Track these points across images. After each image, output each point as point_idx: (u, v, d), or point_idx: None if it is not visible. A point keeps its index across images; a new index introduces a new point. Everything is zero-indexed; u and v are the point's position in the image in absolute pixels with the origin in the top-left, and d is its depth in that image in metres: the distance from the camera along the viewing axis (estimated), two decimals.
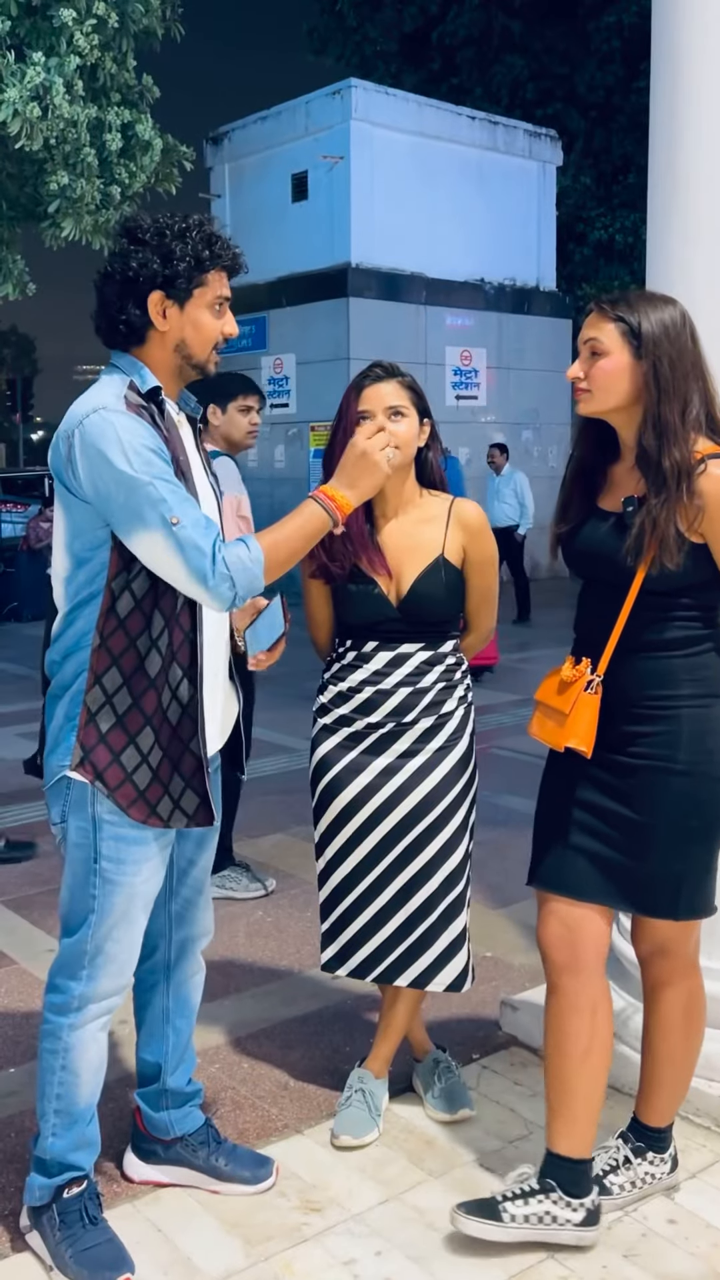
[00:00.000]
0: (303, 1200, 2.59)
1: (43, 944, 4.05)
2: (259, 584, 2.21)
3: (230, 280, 2.35)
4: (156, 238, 2.23)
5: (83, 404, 2.21)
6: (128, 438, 2.14)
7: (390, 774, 2.73)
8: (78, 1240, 2.34)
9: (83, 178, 9.09)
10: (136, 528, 2.14)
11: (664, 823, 2.36)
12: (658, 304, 2.33)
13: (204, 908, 2.62)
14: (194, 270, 2.25)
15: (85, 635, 2.25)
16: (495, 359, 16.95)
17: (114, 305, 2.27)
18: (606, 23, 20.41)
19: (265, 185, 16.55)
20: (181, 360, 2.32)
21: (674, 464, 2.25)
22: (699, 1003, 2.53)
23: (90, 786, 2.27)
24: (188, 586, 2.17)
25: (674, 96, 2.85)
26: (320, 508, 2.29)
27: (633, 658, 2.36)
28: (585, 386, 2.36)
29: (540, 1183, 2.43)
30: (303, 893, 4.51)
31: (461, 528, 2.76)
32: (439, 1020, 3.36)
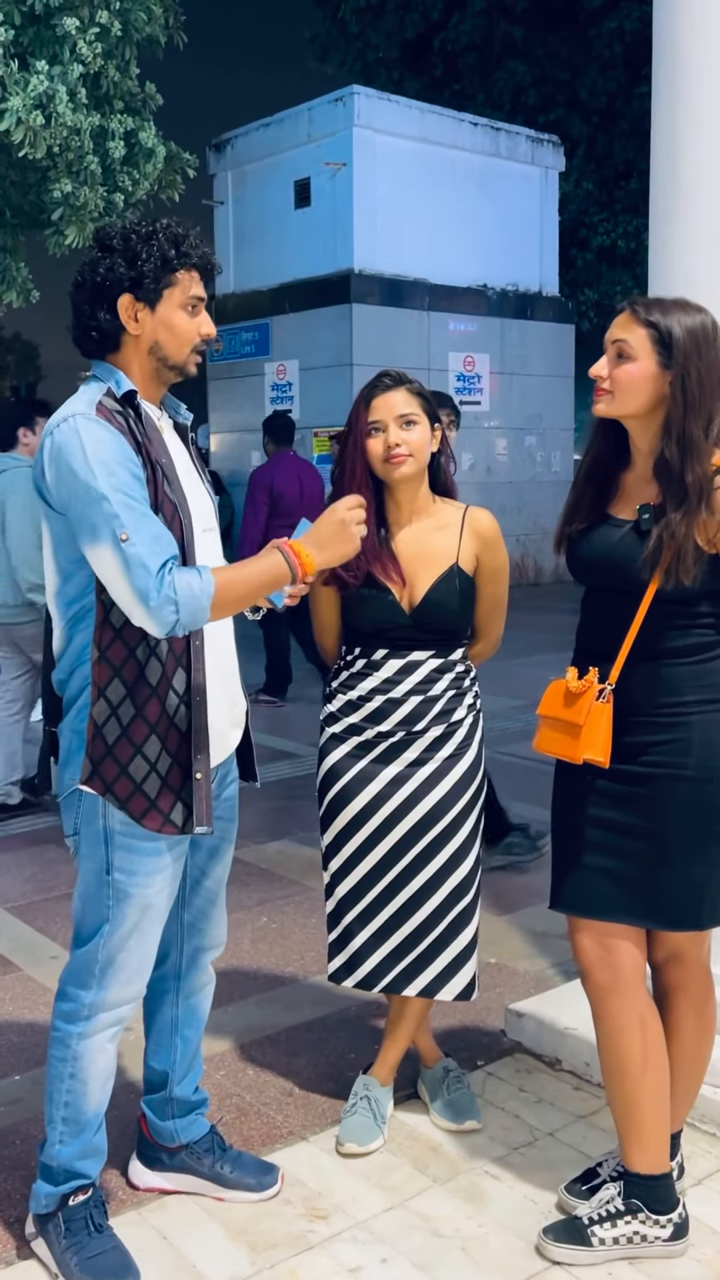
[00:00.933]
0: (308, 1207, 2.59)
1: (47, 951, 4.05)
2: (204, 617, 2.15)
3: (205, 280, 2.32)
4: (123, 242, 2.24)
5: (56, 415, 2.22)
6: (92, 447, 2.13)
7: (400, 783, 2.72)
8: (83, 1248, 2.34)
9: (86, 185, 9.11)
10: (89, 540, 2.13)
11: (680, 831, 2.34)
12: (691, 313, 2.29)
13: (216, 919, 2.62)
14: (161, 270, 2.24)
15: (85, 649, 2.25)
16: (498, 364, 16.95)
17: (85, 313, 2.27)
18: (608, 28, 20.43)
19: (268, 192, 16.58)
20: (157, 363, 2.31)
21: (697, 479, 2.23)
22: (711, 1009, 2.53)
23: (101, 799, 2.27)
24: (129, 605, 2.12)
25: (675, 103, 2.86)
26: (284, 561, 2.24)
27: (643, 666, 2.34)
28: (607, 388, 2.33)
29: (626, 1204, 2.42)
30: (307, 899, 4.51)
31: (475, 535, 2.76)
32: (444, 1027, 3.35)
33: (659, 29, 2.93)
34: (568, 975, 3.75)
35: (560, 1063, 3.17)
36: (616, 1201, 2.44)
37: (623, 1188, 2.44)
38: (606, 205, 20.95)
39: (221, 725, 2.41)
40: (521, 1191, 2.64)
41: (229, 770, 2.53)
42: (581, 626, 2.49)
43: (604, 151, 21.11)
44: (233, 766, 2.55)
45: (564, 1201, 2.55)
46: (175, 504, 2.25)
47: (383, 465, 2.67)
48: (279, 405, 16.51)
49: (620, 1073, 2.40)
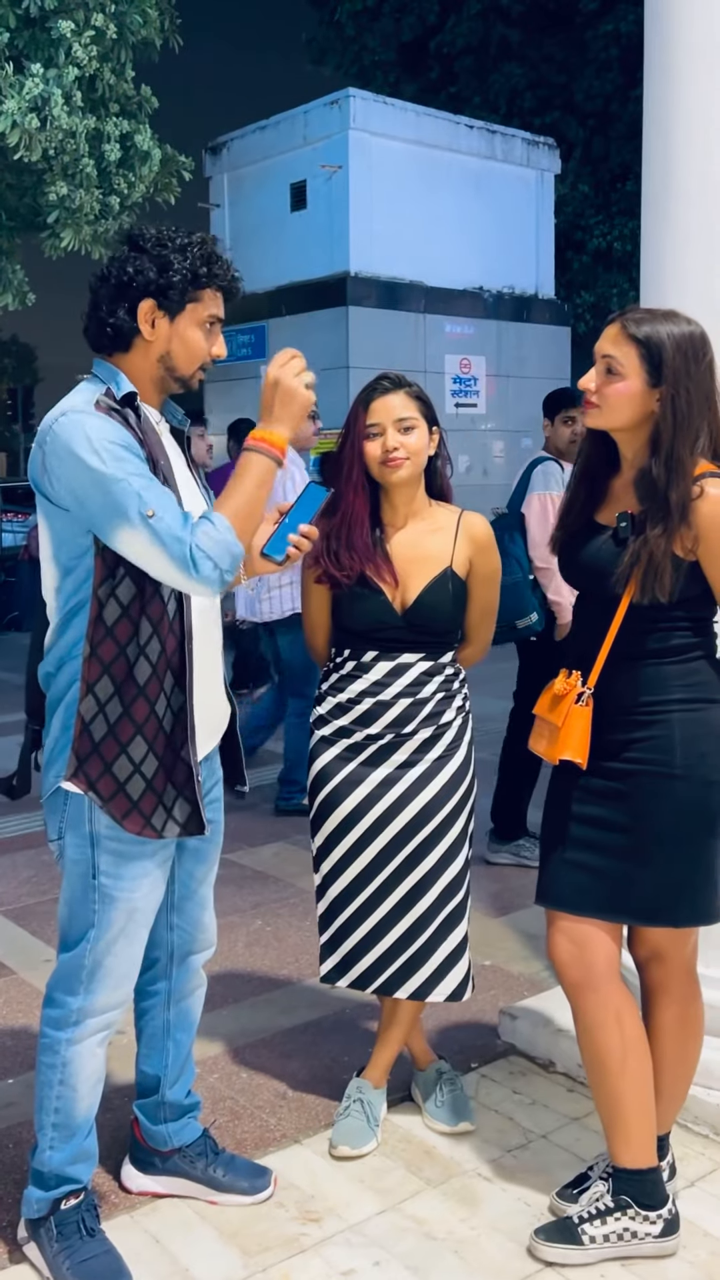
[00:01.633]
0: (301, 1210, 2.59)
1: (41, 954, 4.05)
2: (238, 551, 2.19)
3: (226, 303, 2.33)
4: (157, 247, 2.24)
5: (53, 411, 2.21)
6: (96, 436, 2.13)
7: (389, 785, 2.72)
8: (76, 1252, 2.34)
9: (82, 188, 9.12)
10: (116, 525, 2.13)
11: (662, 828, 2.36)
12: (681, 327, 2.28)
13: (206, 922, 2.62)
14: (189, 285, 2.24)
15: (76, 645, 2.25)
16: (495, 367, 16.96)
17: (104, 308, 2.26)
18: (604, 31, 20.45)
19: (264, 195, 16.59)
20: (165, 372, 2.31)
21: (680, 497, 2.24)
22: (696, 1009, 2.53)
23: (86, 800, 2.26)
24: (174, 576, 2.15)
25: (667, 106, 2.86)
26: (259, 454, 2.25)
27: (624, 666, 2.36)
28: (595, 401, 2.35)
29: (615, 1200, 2.43)
30: (301, 902, 4.51)
31: (470, 540, 2.76)
32: (437, 1029, 3.35)
33: (650, 35, 2.94)
34: None
35: (554, 1065, 3.17)
36: (605, 1199, 2.44)
37: (611, 1184, 2.45)
38: (603, 208, 20.97)
39: (205, 728, 2.41)
40: (515, 1194, 2.64)
41: (213, 771, 2.52)
42: (572, 629, 2.53)
43: (600, 154, 21.13)
44: (217, 768, 2.54)
45: (556, 1206, 2.55)
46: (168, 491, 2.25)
47: (380, 468, 2.67)
48: None
49: (601, 1068, 2.41)
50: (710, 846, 2.39)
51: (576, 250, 20.83)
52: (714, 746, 2.36)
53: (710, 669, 2.39)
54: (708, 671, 2.39)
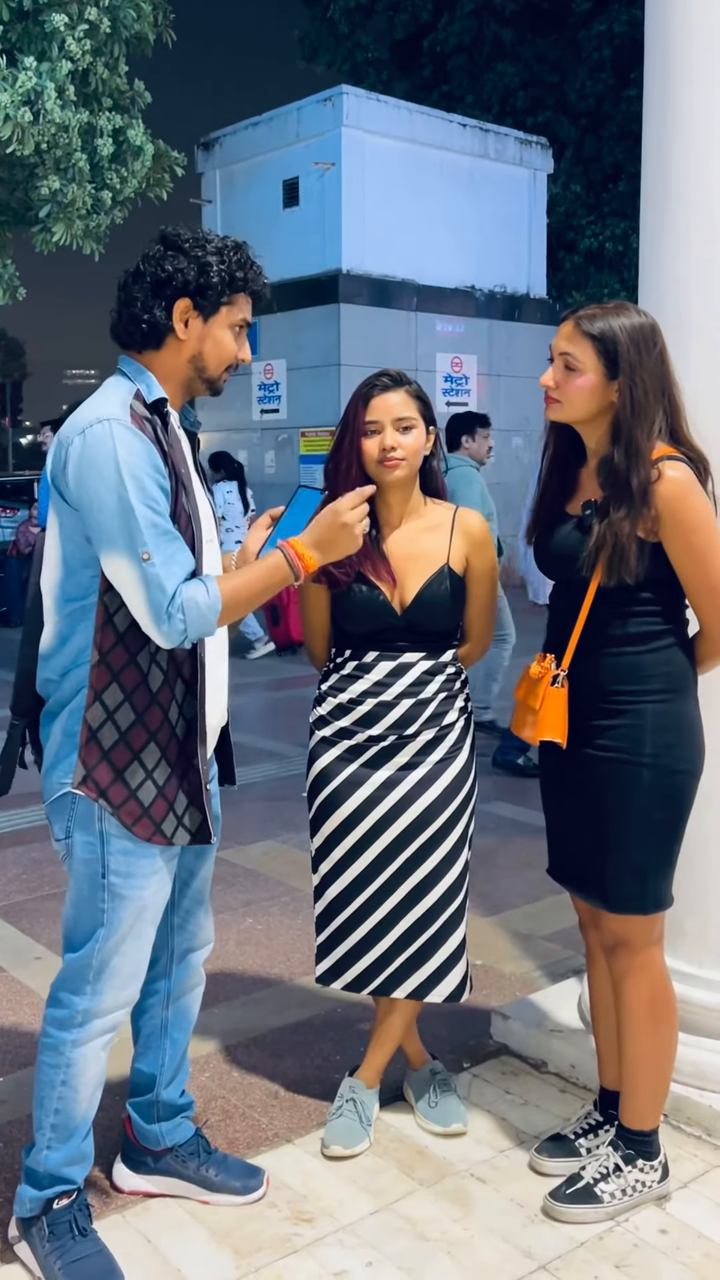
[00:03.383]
0: (293, 1211, 2.58)
1: (31, 952, 4.03)
2: (211, 629, 2.19)
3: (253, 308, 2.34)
4: (196, 248, 2.24)
5: (87, 411, 2.18)
6: (126, 456, 2.11)
7: (391, 787, 2.71)
8: (67, 1252, 2.33)
9: (74, 183, 9.08)
10: (110, 549, 2.13)
11: (629, 815, 2.44)
12: (633, 318, 2.39)
13: (204, 919, 2.61)
14: (226, 287, 2.25)
15: (83, 651, 2.23)
16: (486, 366, 16.97)
17: (139, 304, 2.24)
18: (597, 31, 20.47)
19: (256, 191, 16.57)
20: (194, 373, 2.31)
21: (641, 482, 2.34)
22: (665, 997, 2.55)
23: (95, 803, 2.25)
24: (142, 620, 2.15)
25: (666, 106, 2.86)
26: (285, 562, 2.25)
27: (597, 654, 2.45)
28: (556, 397, 2.45)
29: (624, 1157, 2.58)
30: (293, 900, 4.50)
31: (465, 537, 2.76)
32: (429, 1029, 3.34)
33: (650, 34, 2.93)
34: (554, 978, 3.75)
35: (546, 1065, 3.17)
36: (615, 1158, 2.58)
37: (620, 1144, 2.59)
38: (594, 208, 20.99)
39: (213, 732, 2.42)
40: (508, 1194, 2.63)
41: (210, 770, 2.52)
42: (548, 616, 2.62)
43: (592, 154, 21.15)
44: (213, 765, 2.54)
45: (536, 1163, 2.70)
46: (190, 515, 2.26)
47: (376, 467, 2.66)
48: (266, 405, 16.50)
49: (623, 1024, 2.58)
50: (675, 835, 2.49)
51: (568, 250, 20.86)
52: (681, 737, 2.45)
53: (682, 658, 2.47)
54: (680, 661, 2.46)
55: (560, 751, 2.50)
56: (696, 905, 2.90)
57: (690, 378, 2.81)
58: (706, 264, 2.80)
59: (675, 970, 2.90)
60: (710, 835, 2.86)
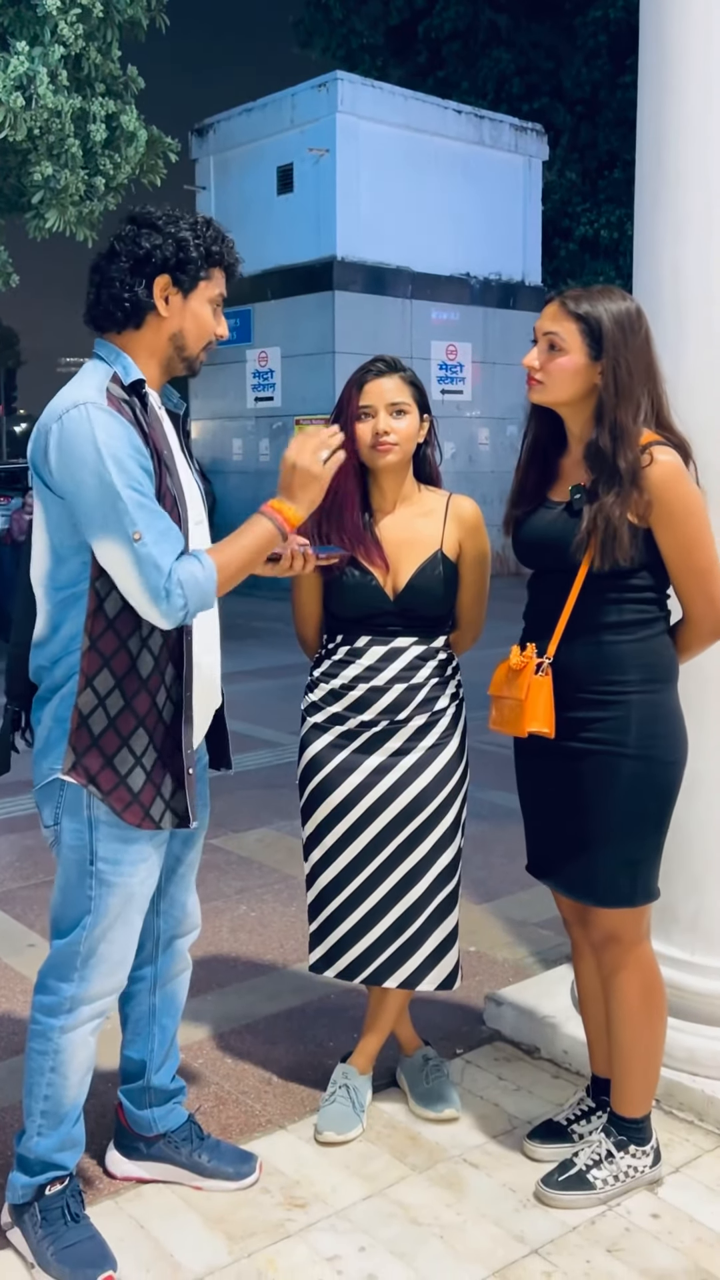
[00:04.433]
0: (286, 1196, 2.58)
1: (24, 939, 4.03)
2: (211, 600, 2.18)
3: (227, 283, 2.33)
4: (170, 225, 2.22)
5: (63, 397, 2.17)
6: (105, 439, 2.10)
7: (383, 773, 2.71)
8: (60, 1238, 2.33)
9: (67, 169, 9.04)
10: (100, 533, 2.12)
11: (617, 808, 2.43)
12: (618, 302, 2.38)
13: (190, 904, 2.61)
14: (204, 262, 2.24)
15: (74, 639, 2.22)
16: (481, 353, 16.95)
17: (118, 283, 2.22)
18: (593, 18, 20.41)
19: (250, 178, 16.50)
20: (174, 351, 2.29)
21: (629, 464, 2.32)
22: (656, 986, 2.55)
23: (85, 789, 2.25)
24: (140, 601, 2.13)
25: (662, 92, 2.84)
26: (269, 521, 2.26)
27: (582, 642, 2.42)
28: (540, 378, 2.43)
29: (616, 1143, 2.57)
30: (287, 887, 4.50)
31: (459, 523, 2.75)
32: (423, 1015, 3.34)
33: (645, 19, 2.91)
34: (546, 964, 3.75)
35: (539, 1051, 3.18)
36: (607, 1144, 2.57)
37: (612, 1131, 2.59)
38: (590, 195, 20.95)
39: (203, 717, 2.41)
40: (500, 1179, 2.64)
41: (200, 755, 2.51)
42: (527, 607, 2.58)
43: (587, 141, 21.10)
44: (204, 752, 2.53)
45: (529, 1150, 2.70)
46: (175, 496, 2.24)
47: (369, 451, 2.65)
48: (261, 393, 16.46)
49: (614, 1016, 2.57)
50: (663, 826, 2.48)
51: (563, 237, 20.82)
52: (667, 728, 2.44)
53: (666, 648, 2.46)
54: (664, 651, 2.45)
55: (539, 746, 2.46)
56: (689, 892, 2.91)
57: (687, 362, 2.81)
58: (703, 248, 2.79)
59: (668, 956, 2.91)
60: (704, 821, 2.86)
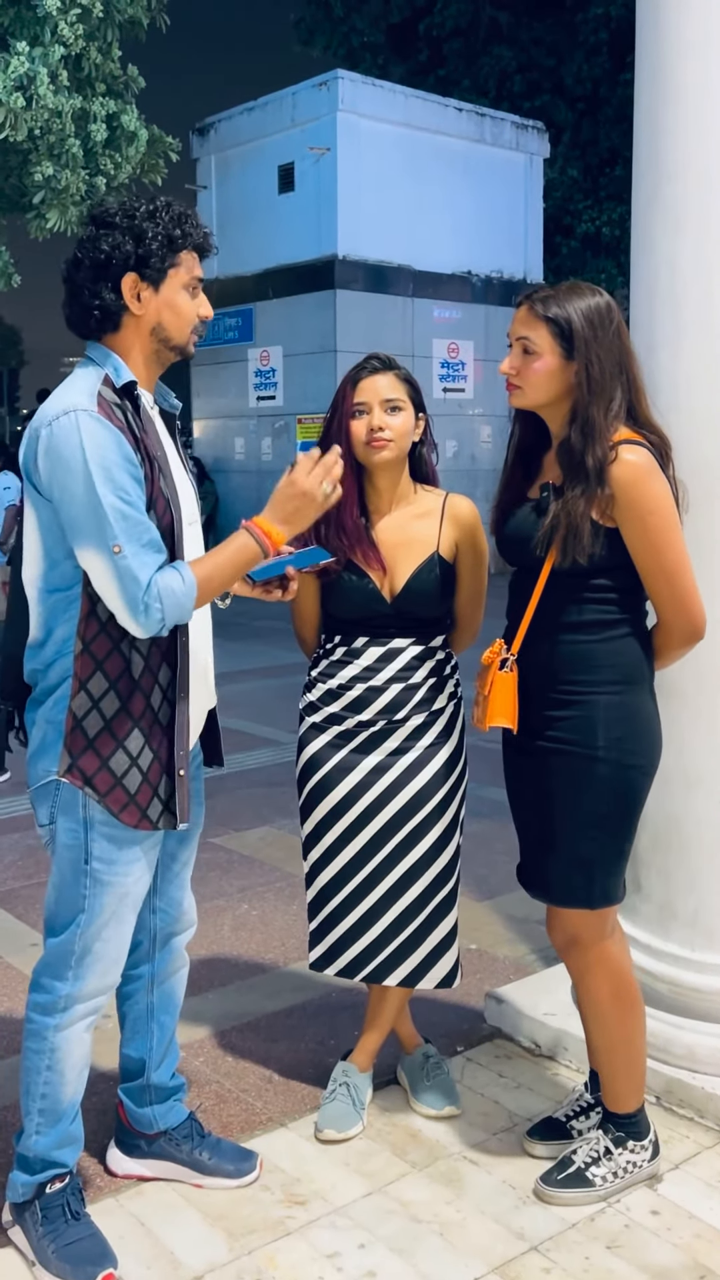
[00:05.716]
0: (286, 1194, 2.59)
1: (27, 938, 4.04)
2: (188, 614, 2.19)
3: (202, 261, 2.30)
4: (126, 219, 2.19)
5: (54, 402, 2.16)
6: (93, 449, 2.09)
7: (381, 772, 2.71)
8: (60, 1235, 2.34)
9: (67, 168, 9.05)
10: (82, 541, 2.12)
11: (577, 809, 2.42)
12: (587, 299, 2.37)
13: (186, 902, 2.62)
14: (167, 250, 2.20)
15: (67, 642, 2.22)
16: (482, 351, 16.94)
17: (86, 291, 2.21)
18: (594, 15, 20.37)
19: (251, 177, 16.50)
20: (159, 344, 2.28)
21: (596, 460, 2.32)
22: (626, 985, 2.55)
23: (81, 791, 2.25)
24: (118, 610, 2.14)
25: (659, 87, 2.84)
26: (252, 539, 2.24)
27: (549, 641, 2.42)
28: (517, 383, 2.43)
29: (613, 1140, 2.58)
30: (288, 886, 4.50)
31: (455, 523, 2.75)
32: (423, 1012, 3.35)
33: (642, 15, 2.91)
34: (547, 961, 3.76)
35: (539, 1048, 3.18)
36: (604, 1141, 2.58)
37: (608, 1127, 2.59)
38: (591, 192, 20.92)
39: (198, 717, 2.41)
40: (500, 1176, 2.64)
41: (195, 754, 2.52)
42: (507, 603, 2.59)
43: (589, 138, 21.07)
44: (198, 750, 2.54)
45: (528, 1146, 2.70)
46: (168, 499, 2.24)
47: (364, 448, 2.66)
48: (263, 392, 16.46)
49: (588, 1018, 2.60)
50: (625, 829, 2.46)
51: (565, 235, 20.80)
52: (633, 730, 2.42)
53: (637, 650, 2.44)
54: (634, 653, 2.43)
55: (516, 744, 2.49)
56: (688, 888, 2.91)
57: (685, 355, 2.81)
58: (700, 241, 2.78)
59: (667, 953, 2.92)
60: (701, 818, 2.86)
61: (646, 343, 2.83)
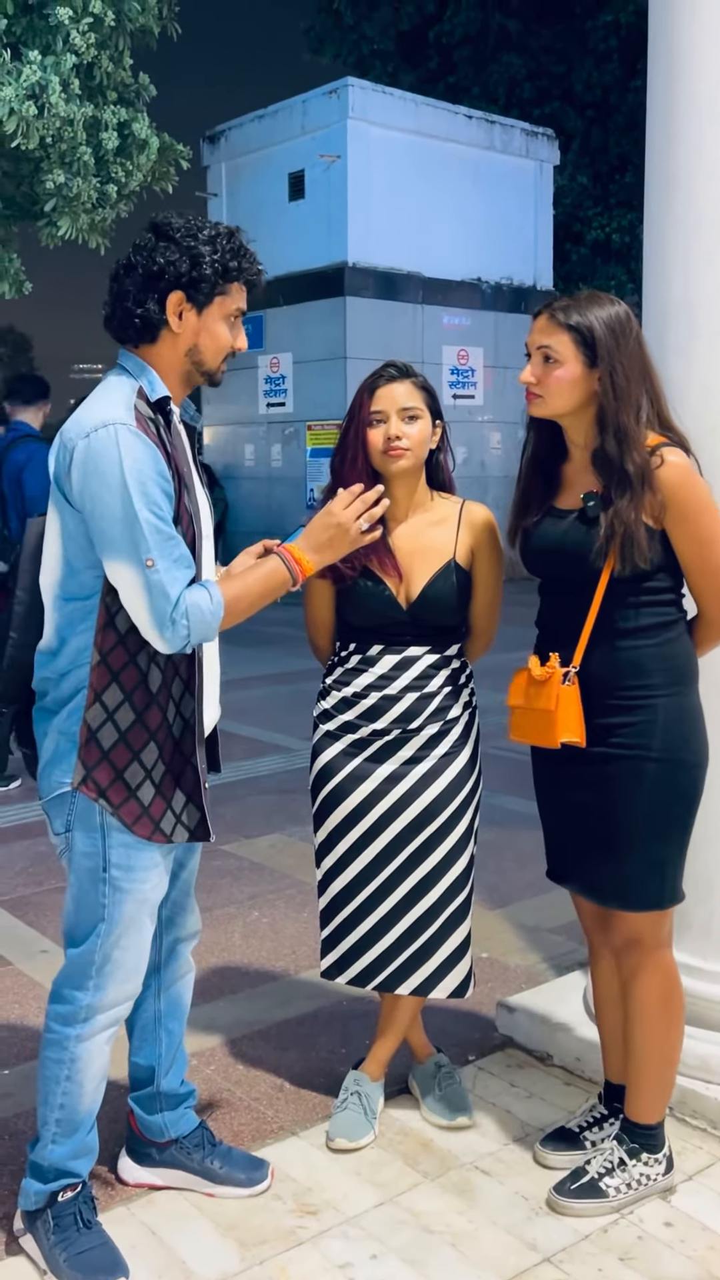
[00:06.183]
0: (298, 1203, 2.58)
1: (37, 945, 4.04)
2: (213, 633, 2.20)
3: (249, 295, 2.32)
4: (188, 238, 2.20)
5: (92, 413, 2.16)
6: (130, 463, 2.10)
7: (395, 781, 2.71)
8: (72, 1244, 2.33)
9: (79, 176, 9.08)
10: (113, 554, 2.13)
11: (647, 812, 2.42)
12: (606, 308, 2.39)
13: (192, 910, 2.62)
14: (219, 278, 2.22)
15: (83, 653, 2.22)
16: (492, 358, 16.94)
17: (131, 298, 2.22)
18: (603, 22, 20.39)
19: (262, 184, 16.54)
20: (191, 366, 2.29)
21: (637, 466, 2.33)
22: (676, 989, 2.55)
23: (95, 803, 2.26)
24: (144, 625, 2.15)
25: (671, 94, 2.83)
26: (284, 566, 2.27)
27: (606, 649, 2.42)
28: (538, 392, 2.43)
29: (628, 1151, 2.56)
30: (299, 893, 4.50)
31: (472, 530, 2.74)
32: (434, 1021, 3.34)
33: (654, 21, 2.91)
34: (559, 970, 3.74)
35: (551, 1058, 3.17)
36: (619, 1152, 2.56)
37: (624, 1138, 2.57)
38: (601, 199, 20.93)
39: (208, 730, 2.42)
40: (512, 1187, 2.63)
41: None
42: (541, 615, 2.58)
43: (599, 145, 21.09)
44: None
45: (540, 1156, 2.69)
46: (191, 514, 2.25)
47: (381, 457, 2.65)
48: (273, 399, 16.48)
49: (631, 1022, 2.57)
50: (686, 828, 2.48)
51: (575, 242, 20.80)
52: (692, 728, 2.44)
53: (688, 648, 2.47)
54: (686, 652, 2.46)
55: (563, 752, 2.45)
56: (702, 898, 2.89)
57: (699, 362, 2.81)
58: (713, 247, 2.77)
59: (680, 963, 2.90)
60: (715, 826, 2.85)
61: (659, 350, 2.82)
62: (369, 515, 2.33)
